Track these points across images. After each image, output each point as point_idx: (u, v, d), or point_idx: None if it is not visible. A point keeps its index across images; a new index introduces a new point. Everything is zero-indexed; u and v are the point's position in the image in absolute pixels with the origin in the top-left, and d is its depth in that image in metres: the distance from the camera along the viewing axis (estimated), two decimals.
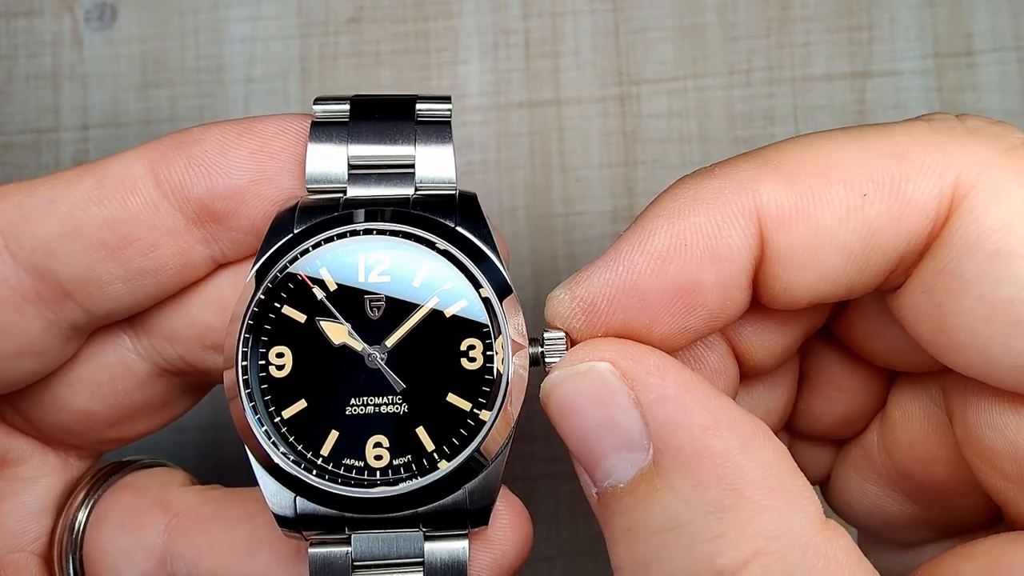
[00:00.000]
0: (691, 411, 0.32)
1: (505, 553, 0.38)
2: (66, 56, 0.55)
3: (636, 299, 0.34)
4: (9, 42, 0.55)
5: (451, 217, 0.37)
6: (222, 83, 0.55)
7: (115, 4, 0.56)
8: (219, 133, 0.37)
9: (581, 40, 0.56)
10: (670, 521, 0.31)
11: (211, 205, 0.37)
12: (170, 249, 0.37)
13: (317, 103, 0.38)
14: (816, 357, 0.43)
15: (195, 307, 0.39)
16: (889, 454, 0.41)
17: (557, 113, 0.56)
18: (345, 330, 0.36)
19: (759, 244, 0.33)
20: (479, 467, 0.36)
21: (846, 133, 0.34)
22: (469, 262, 0.36)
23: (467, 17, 0.56)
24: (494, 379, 0.36)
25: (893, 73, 0.57)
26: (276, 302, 0.36)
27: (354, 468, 0.36)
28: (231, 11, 0.56)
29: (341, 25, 0.56)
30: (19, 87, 0.55)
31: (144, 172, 0.37)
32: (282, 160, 0.37)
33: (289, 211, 0.37)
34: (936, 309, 0.33)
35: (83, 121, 0.55)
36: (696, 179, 0.34)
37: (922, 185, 0.32)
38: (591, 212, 0.56)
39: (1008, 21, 0.57)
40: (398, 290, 0.36)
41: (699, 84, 0.56)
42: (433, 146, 0.38)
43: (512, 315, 0.36)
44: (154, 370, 0.40)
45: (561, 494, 0.55)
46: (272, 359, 0.36)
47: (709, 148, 0.56)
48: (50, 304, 0.37)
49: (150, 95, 0.55)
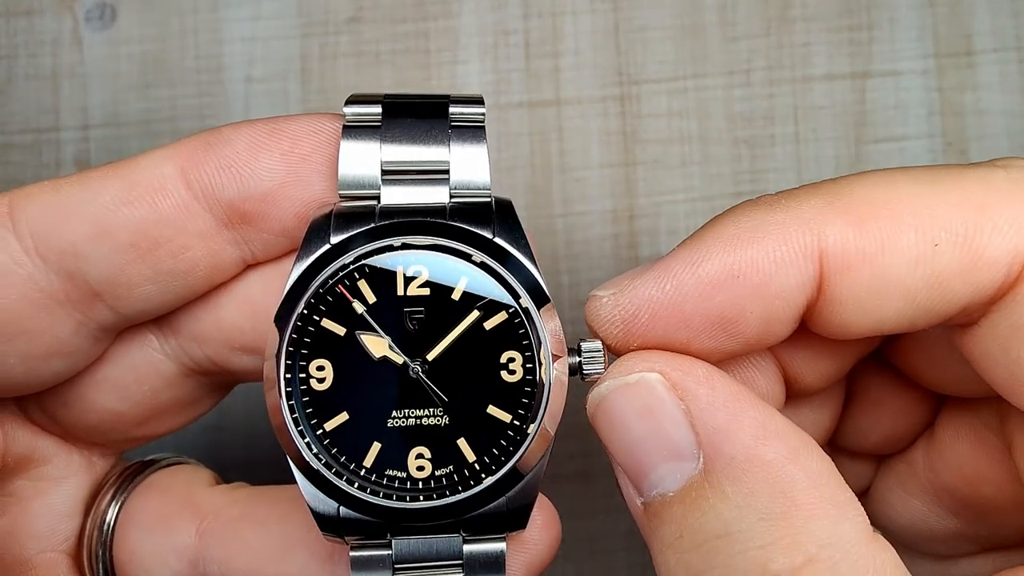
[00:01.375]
0: (741, 421, 0.32)
1: (539, 552, 0.39)
2: (66, 56, 0.55)
3: (678, 318, 0.34)
4: (9, 42, 0.55)
5: (488, 226, 0.37)
6: (222, 83, 0.55)
7: (115, 4, 0.56)
8: (249, 134, 0.37)
9: (581, 40, 0.56)
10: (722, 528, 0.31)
11: (242, 207, 0.37)
12: (200, 251, 0.37)
13: (348, 104, 0.38)
14: (865, 377, 0.43)
15: (224, 308, 0.39)
16: (935, 472, 0.41)
17: (557, 113, 0.56)
18: (385, 343, 0.36)
19: (817, 284, 0.33)
20: (519, 477, 0.36)
21: (917, 175, 0.33)
22: (507, 274, 0.36)
23: (467, 17, 0.56)
24: (534, 391, 0.36)
25: (893, 73, 0.57)
26: (315, 315, 0.36)
27: (396, 479, 0.36)
28: (231, 11, 0.56)
29: (341, 25, 0.56)
30: (19, 87, 0.55)
31: (174, 173, 0.36)
32: (313, 162, 0.37)
33: (324, 218, 0.37)
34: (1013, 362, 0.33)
35: (83, 121, 0.55)
36: (760, 208, 0.34)
37: (996, 239, 0.32)
38: (591, 212, 0.56)
39: (1008, 21, 0.57)
40: (437, 303, 0.36)
41: (699, 84, 0.56)
42: (468, 151, 0.38)
43: (550, 324, 0.36)
44: (181, 370, 0.40)
45: (563, 494, 0.55)
46: (313, 372, 0.36)
47: (709, 148, 0.56)
48: (79, 306, 0.37)
49: (150, 95, 0.55)
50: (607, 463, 0.55)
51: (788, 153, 0.56)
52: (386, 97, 0.38)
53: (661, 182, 0.56)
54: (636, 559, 0.55)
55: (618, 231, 0.56)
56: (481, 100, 0.38)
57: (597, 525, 0.55)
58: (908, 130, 0.57)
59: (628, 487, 0.34)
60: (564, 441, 0.55)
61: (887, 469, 0.44)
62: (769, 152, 0.56)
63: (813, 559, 0.30)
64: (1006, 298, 0.32)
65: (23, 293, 0.36)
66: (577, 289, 0.55)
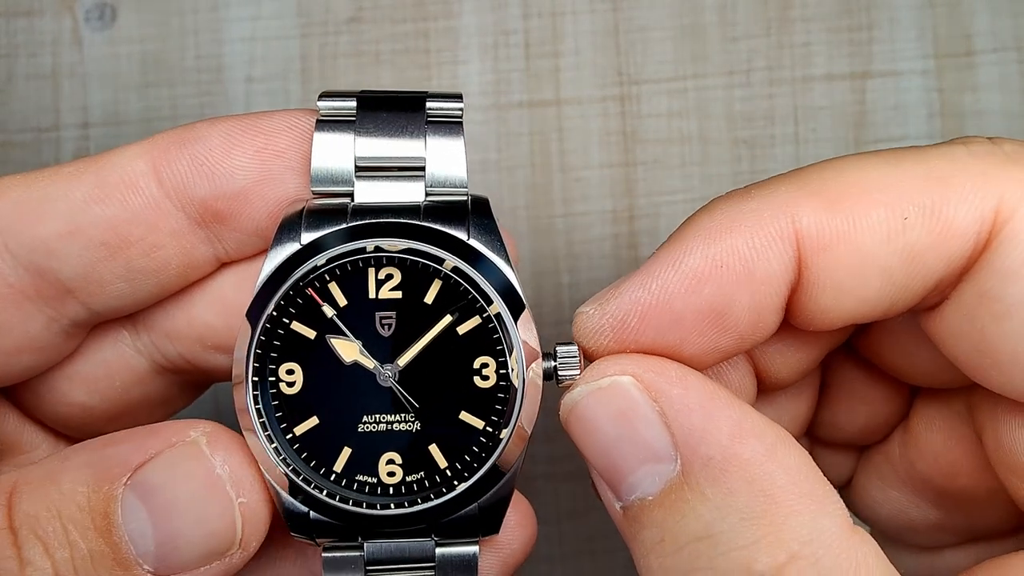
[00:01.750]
0: (717, 420, 0.32)
1: (512, 552, 0.38)
2: (66, 56, 0.55)
3: (668, 317, 0.34)
4: (9, 41, 0.55)
5: (463, 227, 0.36)
6: (222, 83, 0.55)
7: (115, 4, 0.56)
8: (223, 130, 0.37)
9: (581, 40, 0.56)
10: (704, 530, 0.31)
11: (214, 205, 0.36)
12: (173, 249, 0.37)
13: (322, 99, 0.37)
14: (838, 369, 0.43)
15: (197, 306, 0.39)
16: (911, 463, 0.42)
17: (557, 113, 0.56)
18: (356, 348, 0.36)
19: (796, 268, 0.33)
20: (492, 483, 0.36)
21: (883, 156, 0.34)
22: (480, 278, 0.35)
23: (467, 17, 0.56)
24: (508, 396, 0.36)
25: (893, 73, 0.57)
26: (285, 318, 0.36)
27: (367, 485, 0.36)
28: (231, 11, 0.56)
29: (341, 25, 0.56)
30: (19, 86, 0.55)
31: (146, 169, 0.36)
32: (288, 158, 0.37)
33: (296, 216, 0.36)
34: (978, 332, 0.33)
35: (83, 120, 0.55)
36: (733, 200, 0.34)
37: (963, 209, 0.32)
38: (591, 212, 0.56)
39: (1008, 21, 0.57)
40: (409, 307, 0.36)
41: (699, 84, 0.56)
42: (444, 146, 0.37)
43: (525, 328, 0.36)
44: (153, 367, 0.40)
45: (561, 494, 0.55)
46: (282, 375, 0.36)
47: (709, 148, 0.56)
48: (51, 302, 0.36)
49: (150, 94, 0.55)
50: None
51: (788, 153, 0.56)
52: (361, 92, 0.37)
53: (661, 182, 0.56)
54: None
55: (618, 231, 0.56)
56: (459, 96, 0.38)
57: (597, 525, 0.55)
58: (908, 130, 0.57)
59: (606, 491, 0.34)
60: (563, 441, 0.55)
61: (866, 461, 0.44)
62: (769, 152, 0.56)
63: (795, 556, 0.30)
64: (973, 269, 0.33)
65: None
66: (577, 289, 0.55)
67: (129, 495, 0.32)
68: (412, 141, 0.37)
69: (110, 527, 0.32)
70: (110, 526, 0.32)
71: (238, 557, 0.34)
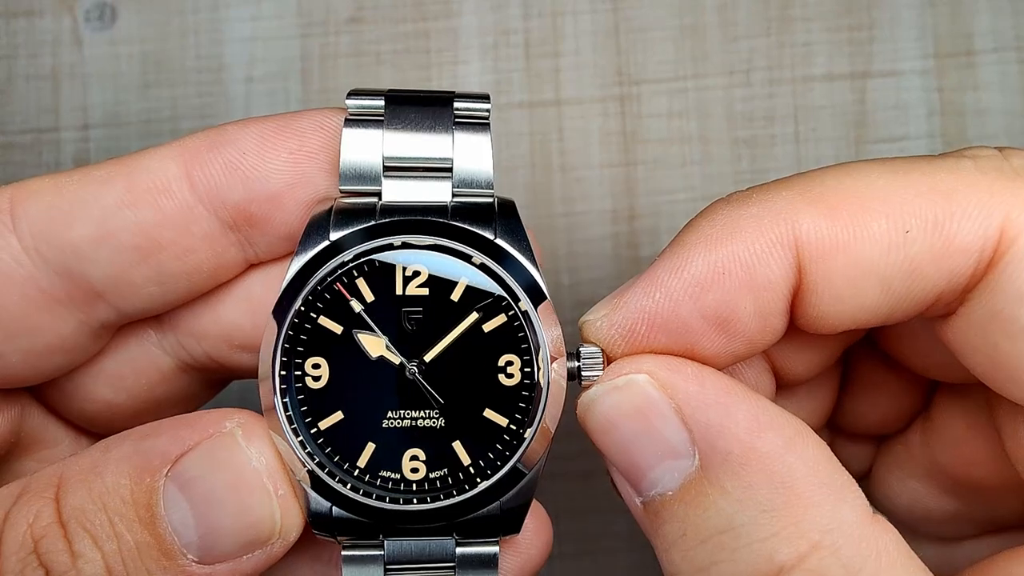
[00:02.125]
0: (734, 415, 0.32)
1: (531, 557, 0.38)
2: (66, 56, 0.55)
3: (676, 325, 0.34)
4: (9, 42, 0.55)
5: (490, 227, 0.36)
6: (222, 83, 0.55)
7: (115, 4, 0.56)
8: (256, 132, 0.36)
9: (581, 40, 0.56)
10: (725, 523, 0.31)
11: (248, 209, 0.36)
12: (204, 253, 0.37)
13: (351, 97, 0.37)
14: (859, 362, 0.43)
15: (225, 306, 0.39)
16: (931, 453, 0.42)
17: (557, 113, 0.56)
18: (382, 343, 0.36)
19: (797, 274, 0.33)
20: (514, 481, 0.36)
21: (887, 165, 0.34)
22: (508, 276, 0.36)
23: (467, 17, 0.56)
24: (532, 395, 0.36)
25: (893, 73, 0.57)
26: (313, 312, 0.36)
27: (390, 481, 0.36)
28: (231, 11, 0.56)
29: (341, 25, 0.56)
30: (19, 87, 0.55)
31: (178, 173, 0.36)
32: (321, 159, 0.37)
33: (324, 214, 0.36)
34: (992, 348, 0.33)
35: (83, 121, 0.55)
36: (733, 205, 0.35)
37: (966, 225, 0.32)
38: (591, 212, 0.56)
39: (1008, 21, 0.57)
40: (436, 304, 0.36)
41: (699, 84, 0.56)
42: (472, 147, 0.37)
43: (550, 328, 0.36)
44: (179, 365, 0.40)
45: (561, 494, 0.55)
46: (308, 370, 0.36)
47: (709, 148, 0.56)
48: (81, 305, 0.36)
49: (150, 95, 0.55)
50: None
51: (788, 153, 0.56)
52: (389, 91, 0.38)
53: (661, 182, 0.56)
54: (636, 559, 0.55)
55: (618, 231, 0.56)
56: (487, 97, 0.38)
57: (597, 525, 0.55)
58: (908, 130, 0.57)
59: (626, 487, 0.34)
60: (565, 441, 0.55)
61: (886, 451, 0.45)
62: (769, 152, 0.56)
63: (817, 546, 0.30)
64: (980, 285, 0.33)
65: (24, 292, 0.35)
66: (577, 289, 0.55)
67: (170, 487, 0.33)
68: (440, 141, 0.37)
69: (154, 519, 0.32)
70: (154, 518, 0.32)
71: (279, 546, 0.34)
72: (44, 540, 0.32)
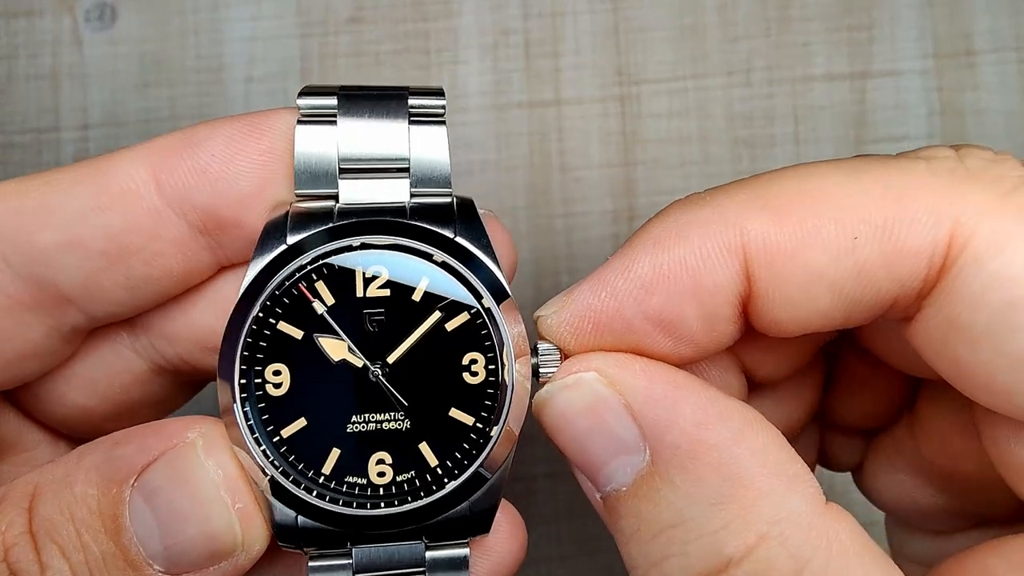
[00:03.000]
0: (681, 409, 0.32)
1: (503, 560, 0.38)
2: (66, 56, 0.55)
3: (620, 324, 0.34)
4: (9, 42, 0.55)
5: (450, 226, 0.36)
6: (222, 83, 0.55)
7: (115, 4, 0.56)
8: (225, 134, 0.36)
9: (581, 40, 0.56)
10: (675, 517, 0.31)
11: (217, 213, 0.36)
12: (174, 257, 0.36)
13: (303, 96, 0.36)
14: (842, 359, 0.43)
15: (196, 309, 0.38)
16: (918, 447, 0.42)
17: (557, 113, 0.56)
18: (344, 346, 0.35)
19: (745, 280, 0.33)
20: (483, 480, 0.35)
21: (841, 167, 0.34)
22: (470, 274, 0.35)
23: (467, 17, 0.56)
24: (497, 392, 0.35)
25: (893, 73, 0.57)
26: (272, 318, 0.35)
27: (357, 486, 0.35)
28: (231, 11, 0.56)
29: (341, 25, 0.56)
30: (19, 87, 0.55)
31: (146, 177, 0.35)
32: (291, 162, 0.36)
33: (281, 219, 0.35)
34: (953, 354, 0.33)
35: (83, 121, 0.55)
36: (686, 206, 0.34)
37: (916, 230, 0.32)
38: (591, 212, 0.56)
39: (1008, 21, 0.57)
40: (398, 304, 0.35)
41: (699, 84, 0.56)
42: (428, 145, 0.36)
43: (513, 325, 0.35)
44: (152, 368, 0.40)
45: (561, 494, 0.55)
46: (269, 377, 0.35)
47: (709, 148, 0.56)
48: (50, 310, 0.36)
49: (150, 95, 0.55)
50: None
51: (788, 153, 0.56)
52: (342, 89, 0.37)
53: (661, 182, 0.56)
54: None
55: (618, 231, 0.56)
56: (441, 92, 0.37)
57: (596, 525, 0.55)
58: (908, 130, 0.57)
59: (586, 483, 0.34)
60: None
61: (876, 444, 0.45)
62: (769, 152, 0.56)
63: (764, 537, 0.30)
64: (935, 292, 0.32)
65: None
66: None
67: (136, 497, 0.32)
68: (395, 138, 0.36)
69: (119, 529, 0.32)
70: (119, 529, 0.32)
71: (243, 559, 0.34)
72: (15, 549, 0.31)
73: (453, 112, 0.56)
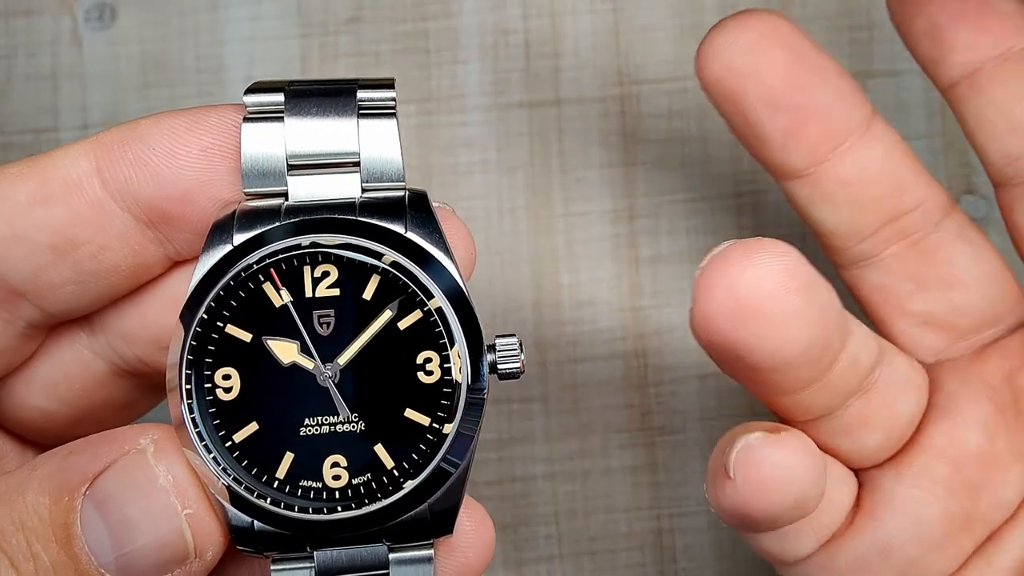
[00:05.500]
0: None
1: (468, 559, 0.37)
2: (66, 56, 0.55)
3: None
4: (8, 42, 0.55)
5: (400, 221, 0.35)
6: (222, 83, 0.55)
7: (115, 4, 0.56)
8: (167, 128, 0.35)
9: (581, 40, 0.56)
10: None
11: (160, 207, 0.35)
12: (121, 252, 0.36)
13: (249, 93, 0.35)
14: None
15: (150, 306, 0.38)
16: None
17: (557, 113, 0.56)
18: (294, 348, 0.34)
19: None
20: (442, 480, 0.34)
21: None
22: (420, 271, 0.34)
23: (467, 17, 0.56)
24: (453, 391, 0.35)
25: (893, 73, 0.57)
26: (219, 321, 0.34)
27: (312, 490, 0.34)
28: (231, 11, 0.56)
29: (341, 25, 0.56)
30: (18, 87, 0.55)
31: (90, 169, 0.35)
32: (236, 158, 0.35)
33: (227, 219, 0.35)
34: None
35: (83, 121, 0.55)
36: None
37: None
38: (591, 212, 0.56)
39: None
40: (348, 304, 0.35)
41: (699, 84, 0.56)
42: (378, 140, 0.35)
43: (468, 321, 0.34)
44: (112, 370, 0.39)
45: (561, 494, 0.55)
46: (219, 382, 0.34)
47: (709, 148, 0.56)
48: (4, 304, 0.35)
49: (150, 95, 0.55)
50: (606, 463, 0.55)
51: None
52: (290, 84, 0.36)
53: (661, 182, 0.56)
54: (636, 559, 0.55)
55: (618, 231, 0.56)
56: (391, 83, 0.36)
57: (597, 525, 0.55)
58: (908, 130, 0.57)
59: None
60: (564, 441, 0.55)
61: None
62: None
63: None
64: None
65: None
66: (577, 289, 0.55)
67: (88, 506, 0.32)
68: (344, 136, 0.35)
69: (70, 539, 0.31)
70: (70, 538, 0.31)
71: (196, 566, 0.33)
72: None
73: (453, 112, 0.56)
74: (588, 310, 0.55)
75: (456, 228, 0.37)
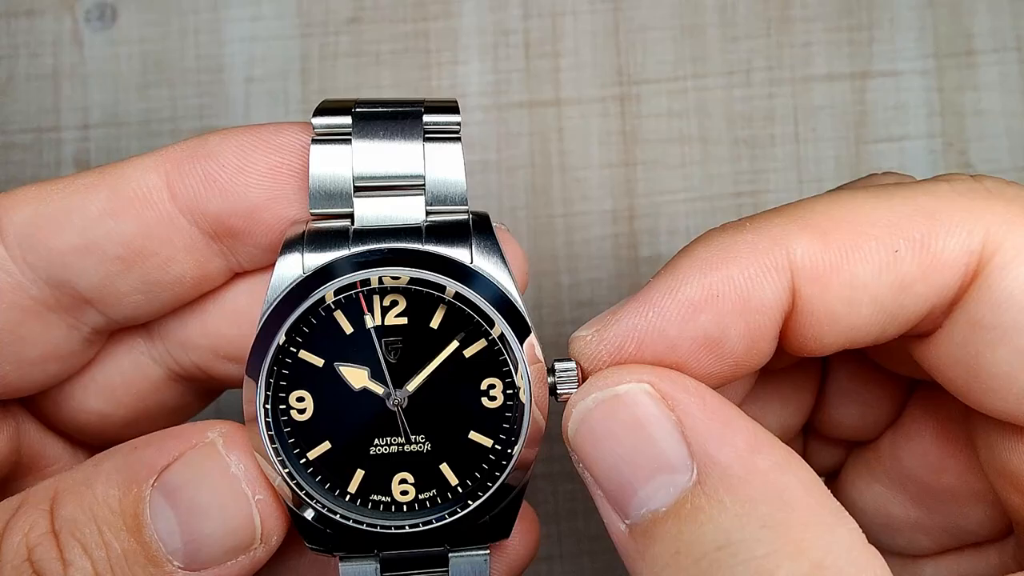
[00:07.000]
0: (734, 430, 0.32)
1: (519, 556, 0.39)
2: (66, 56, 0.55)
3: (664, 344, 0.34)
4: (9, 42, 0.55)
5: (465, 245, 0.36)
6: (222, 83, 0.56)
7: (115, 4, 0.56)
8: (236, 145, 0.36)
9: (581, 40, 0.56)
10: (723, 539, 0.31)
11: (227, 222, 0.36)
12: (187, 263, 0.37)
13: (317, 115, 0.37)
14: (836, 369, 0.44)
15: (211, 316, 0.39)
16: (899, 458, 0.42)
17: (557, 113, 0.56)
18: (364, 374, 0.36)
19: (790, 298, 0.34)
20: (504, 496, 0.36)
21: (872, 192, 0.35)
22: (484, 302, 0.35)
23: (467, 17, 0.56)
24: (515, 415, 0.36)
25: (893, 73, 0.57)
26: (292, 347, 0.36)
27: (381, 503, 0.36)
28: (231, 11, 0.56)
29: (341, 25, 0.56)
30: (20, 87, 0.55)
31: (159, 184, 0.36)
32: (302, 176, 0.37)
33: (297, 239, 0.36)
34: (972, 358, 0.34)
35: (83, 121, 0.55)
36: (728, 232, 0.35)
37: (951, 242, 0.33)
38: (591, 212, 0.56)
39: (1008, 21, 0.57)
40: (415, 333, 0.36)
41: (699, 84, 0.56)
42: (443, 164, 0.37)
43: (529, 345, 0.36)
44: (168, 375, 0.40)
45: (561, 494, 0.55)
46: (293, 403, 0.36)
47: (709, 148, 0.56)
48: (71, 312, 0.37)
49: (150, 95, 0.56)
50: None
51: (788, 153, 0.56)
52: (356, 105, 0.37)
53: (661, 182, 0.56)
54: None
55: (618, 231, 0.56)
56: (456, 108, 0.38)
57: (597, 525, 0.55)
58: (908, 130, 0.57)
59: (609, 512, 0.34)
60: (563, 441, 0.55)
61: (856, 454, 0.45)
62: (769, 152, 0.56)
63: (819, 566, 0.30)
64: (963, 299, 0.34)
65: (13, 301, 0.36)
66: (577, 289, 0.55)
67: (156, 496, 0.33)
68: (410, 157, 0.36)
69: (140, 527, 0.33)
70: (140, 526, 0.33)
71: (261, 551, 0.35)
72: (38, 549, 0.32)
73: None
74: (588, 310, 0.55)
75: (512, 249, 0.38)
